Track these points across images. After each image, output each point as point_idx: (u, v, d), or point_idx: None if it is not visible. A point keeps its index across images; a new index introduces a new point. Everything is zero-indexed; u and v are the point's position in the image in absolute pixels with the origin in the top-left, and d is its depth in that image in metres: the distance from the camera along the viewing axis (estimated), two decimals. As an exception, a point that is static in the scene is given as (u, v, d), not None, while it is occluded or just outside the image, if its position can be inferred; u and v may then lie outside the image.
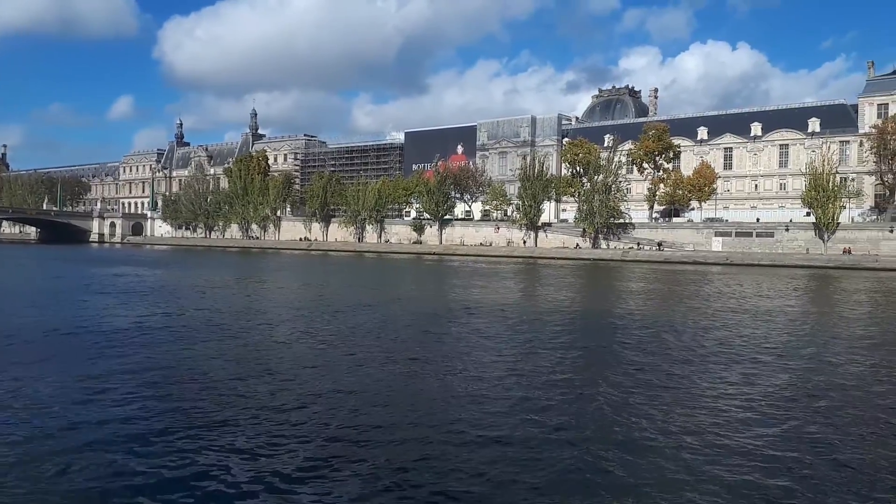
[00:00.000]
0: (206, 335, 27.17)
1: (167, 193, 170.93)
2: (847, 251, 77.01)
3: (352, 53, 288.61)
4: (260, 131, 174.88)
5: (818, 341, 27.89)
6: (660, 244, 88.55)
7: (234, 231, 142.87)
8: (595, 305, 41.68)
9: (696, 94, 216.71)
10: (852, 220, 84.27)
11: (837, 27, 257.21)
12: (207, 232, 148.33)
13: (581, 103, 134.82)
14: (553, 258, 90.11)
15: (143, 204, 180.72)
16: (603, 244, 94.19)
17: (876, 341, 28.25)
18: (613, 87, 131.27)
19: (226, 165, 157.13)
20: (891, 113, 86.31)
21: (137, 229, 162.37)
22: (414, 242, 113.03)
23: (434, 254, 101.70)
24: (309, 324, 31.30)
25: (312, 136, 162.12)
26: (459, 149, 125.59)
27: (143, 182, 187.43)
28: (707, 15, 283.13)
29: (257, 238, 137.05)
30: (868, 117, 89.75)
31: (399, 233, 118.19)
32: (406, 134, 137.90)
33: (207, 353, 23.41)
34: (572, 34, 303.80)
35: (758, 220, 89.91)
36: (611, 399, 18.51)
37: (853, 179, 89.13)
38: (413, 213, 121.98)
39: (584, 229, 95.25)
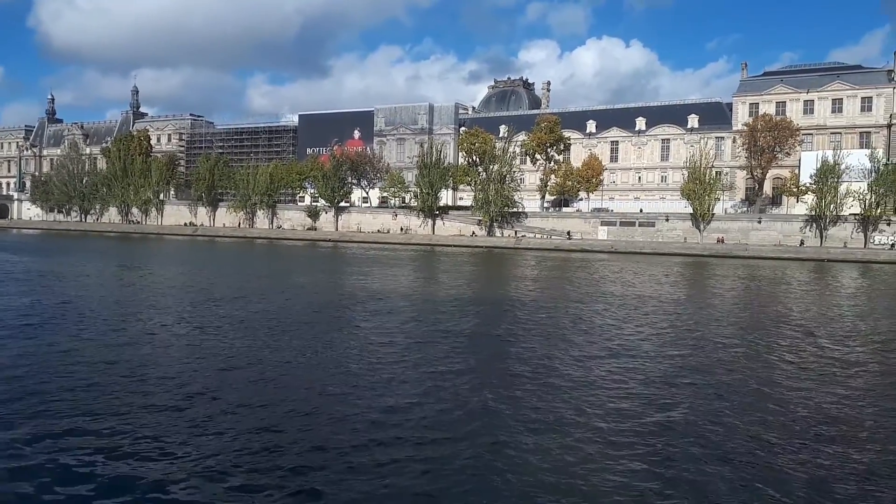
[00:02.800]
0: (73, 329, 25.01)
1: (37, 173, 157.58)
2: (720, 240, 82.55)
3: (249, 31, 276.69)
4: (143, 110, 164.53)
5: (692, 324, 29.49)
6: (569, 233, 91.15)
7: (112, 215, 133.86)
8: (489, 292, 42.14)
9: (592, 89, 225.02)
10: (725, 211, 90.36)
11: (721, 30, 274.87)
12: (83, 216, 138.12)
13: (481, 94, 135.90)
14: (450, 245, 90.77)
15: (8, 184, 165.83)
16: (498, 232, 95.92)
17: (744, 325, 30.24)
18: (509, 78, 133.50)
19: (104, 145, 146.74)
20: (761, 112, 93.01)
21: (2, 212, 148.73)
22: (308, 229, 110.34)
23: (329, 240, 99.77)
24: (190, 316, 29.55)
25: (199, 116, 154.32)
26: (356, 134, 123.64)
27: (9, 161, 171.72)
28: (604, 11, 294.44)
29: (138, 223, 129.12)
30: (741, 115, 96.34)
31: (293, 219, 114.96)
32: (300, 116, 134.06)
33: (71, 349, 21.50)
34: (476, 24, 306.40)
35: (641, 210, 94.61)
36: (497, 390, 18.59)
37: (727, 173, 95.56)
38: (307, 199, 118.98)
39: (480, 217, 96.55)
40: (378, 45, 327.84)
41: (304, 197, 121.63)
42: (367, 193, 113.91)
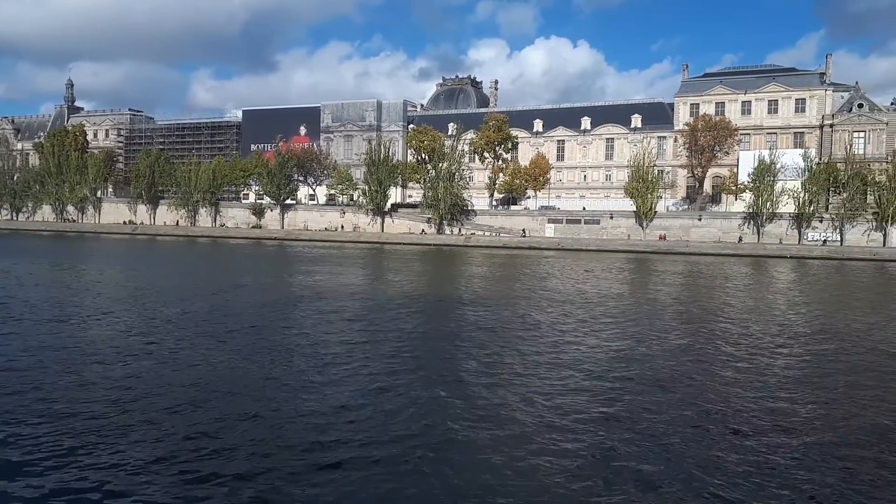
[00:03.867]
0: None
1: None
2: (663, 237, 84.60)
3: (193, 25, 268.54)
4: (80, 104, 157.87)
5: (634, 319, 30.04)
6: (524, 231, 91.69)
7: (46, 213, 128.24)
8: (437, 291, 42.04)
9: (540, 88, 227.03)
10: (667, 209, 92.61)
11: (666, 32, 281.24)
12: (14, 213, 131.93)
13: (431, 91, 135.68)
14: (399, 243, 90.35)
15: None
16: (447, 230, 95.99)
17: (685, 318, 30.97)
18: (457, 76, 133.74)
19: (36, 140, 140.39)
20: (701, 112, 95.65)
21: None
22: (253, 227, 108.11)
23: (275, 239, 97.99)
24: (125, 317, 28.48)
25: (139, 111, 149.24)
26: (302, 130, 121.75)
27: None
28: (553, 12, 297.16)
29: (74, 221, 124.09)
30: (682, 115, 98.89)
31: (237, 217, 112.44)
32: (244, 112, 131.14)
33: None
34: (426, 22, 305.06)
35: (584, 208, 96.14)
36: (446, 387, 18.49)
37: (669, 172, 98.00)
38: (252, 197, 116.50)
39: (429, 215, 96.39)
40: (327, 41, 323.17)
41: (248, 194, 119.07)
42: (313, 191, 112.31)
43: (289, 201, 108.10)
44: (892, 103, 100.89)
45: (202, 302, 32.39)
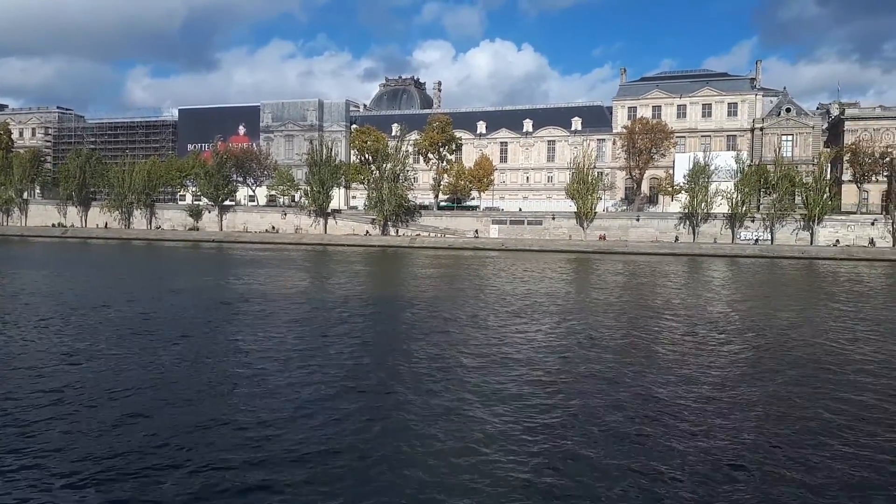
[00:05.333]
0: None
1: None
2: (602, 238, 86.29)
3: (129, 21, 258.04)
4: (4, 101, 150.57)
5: (577, 317, 30.44)
6: (476, 232, 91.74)
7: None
8: (382, 292, 41.65)
9: (486, 90, 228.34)
10: (607, 210, 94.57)
11: (607, 37, 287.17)
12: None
13: (376, 92, 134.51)
14: (343, 245, 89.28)
15: None
16: (392, 231, 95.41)
17: (625, 316, 31.55)
18: (400, 77, 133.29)
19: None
20: (639, 115, 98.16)
21: None
22: (190, 229, 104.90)
23: (214, 241, 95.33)
24: (51, 323, 27.10)
25: (68, 109, 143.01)
26: (241, 129, 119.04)
27: None
28: (498, 15, 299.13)
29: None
30: (620, 119, 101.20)
31: (173, 218, 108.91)
32: (181, 111, 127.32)
33: None
34: (372, 22, 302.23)
35: (519, 209, 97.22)
36: (394, 391, 18.23)
37: (608, 174, 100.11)
38: (189, 198, 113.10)
39: (374, 217, 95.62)
40: (270, 40, 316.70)
41: (185, 196, 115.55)
42: (253, 192, 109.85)
43: (227, 202, 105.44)
44: (817, 108, 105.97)
45: (135, 307, 31.13)
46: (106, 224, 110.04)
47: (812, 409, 16.78)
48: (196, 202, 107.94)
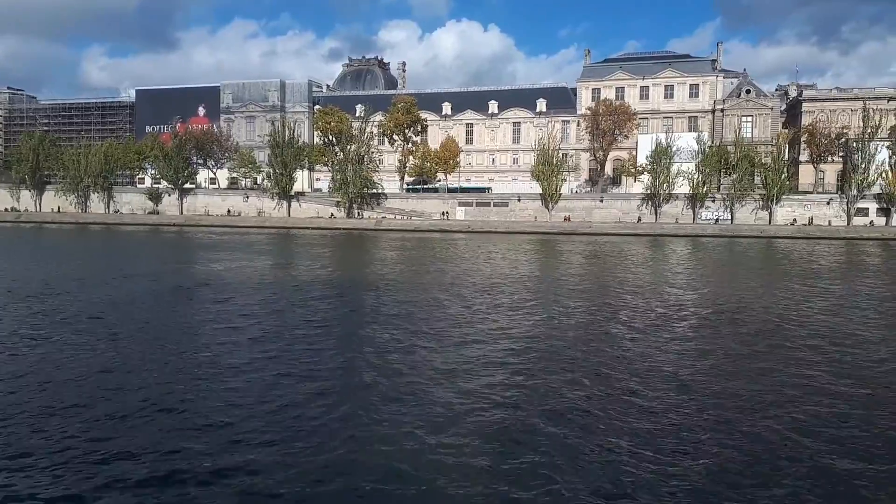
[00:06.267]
0: None
1: None
2: (567, 219, 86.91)
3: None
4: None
5: (542, 296, 30.61)
6: (446, 213, 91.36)
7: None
8: (346, 275, 41.30)
9: (453, 71, 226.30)
10: (571, 191, 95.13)
11: (573, 18, 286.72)
12: None
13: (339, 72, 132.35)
14: (308, 228, 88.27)
15: None
16: (357, 214, 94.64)
17: (588, 295, 31.83)
18: (363, 57, 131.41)
19: None
20: (603, 97, 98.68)
21: None
22: (150, 213, 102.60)
23: (174, 225, 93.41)
24: (8, 310, 26.23)
25: (19, 90, 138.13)
26: (201, 111, 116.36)
27: None
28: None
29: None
30: (584, 100, 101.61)
31: (132, 202, 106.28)
32: (138, 92, 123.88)
33: None
34: (336, 1, 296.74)
35: (487, 190, 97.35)
36: (360, 373, 18.09)
37: (572, 155, 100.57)
38: (148, 181, 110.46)
39: (338, 199, 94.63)
40: (231, 19, 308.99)
41: (144, 179, 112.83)
42: (214, 174, 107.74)
43: (188, 185, 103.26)
44: (776, 89, 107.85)
45: (90, 294, 30.31)
46: (58, 208, 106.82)
47: (762, 382, 17.14)
48: (155, 185, 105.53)
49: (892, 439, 13.68)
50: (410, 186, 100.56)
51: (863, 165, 79.19)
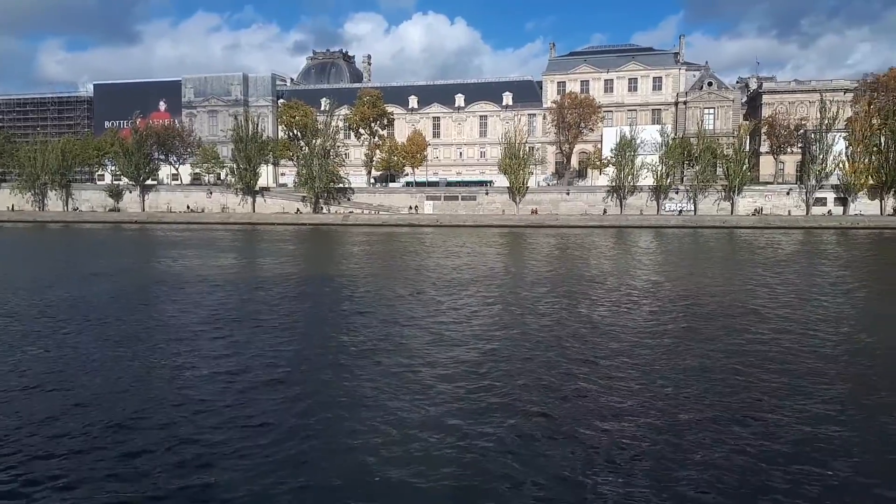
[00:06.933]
0: None
1: None
2: (534, 212, 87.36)
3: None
4: None
5: (510, 288, 30.67)
6: (416, 208, 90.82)
7: None
8: (314, 271, 40.85)
9: (420, 64, 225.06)
10: (538, 184, 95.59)
11: (539, 11, 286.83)
12: None
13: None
14: (273, 224, 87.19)
15: None
16: (324, 209, 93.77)
17: (556, 287, 32.00)
18: (328, 50, 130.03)
19: None
20: (568, 90, 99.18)
21: None
22: (110, 210, 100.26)
23: (136, 222, 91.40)
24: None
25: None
26: (162, 105, 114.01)
27: None
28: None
29: None
30: (550, 93, 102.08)
31: (91, 199, 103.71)
32: (96, 87, 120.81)
33: None
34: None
35: (449, 183, 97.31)
36: (329, 370, 17.86)
37: (539, 148, 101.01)
38: (108, 178, 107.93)
39: (304, 194, 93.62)
40: (194, 12, 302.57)
41: (104, 176, 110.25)
42: (176, 170, 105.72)
43: (149, 182, 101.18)
44: (737, 82, 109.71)
45: (47, 294, 29.44)
46: (12, 207, 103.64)
47: (720, 372, 17.39)
48: (116, 182, 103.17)
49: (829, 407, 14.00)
50: (411, 181, 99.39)
51: (821, 156, 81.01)
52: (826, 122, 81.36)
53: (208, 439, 12.66)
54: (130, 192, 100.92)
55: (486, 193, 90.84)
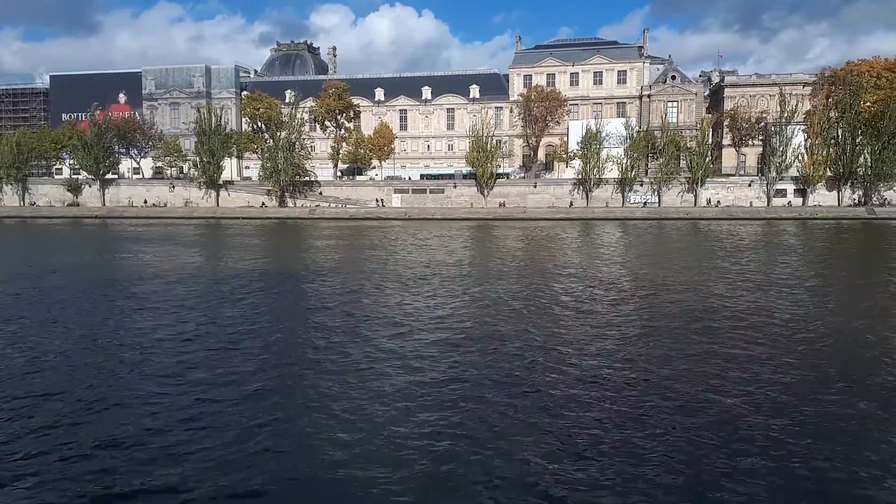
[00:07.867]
0: None
1: None
2: (502, 205, 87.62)
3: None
4: None
5: (477, 280, 30.70)
6: (382, 201, 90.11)
7: None
8: (280, 266, 40.34)
9: (387, 57, 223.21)
10: (506, 177, 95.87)
11: (506, 5, 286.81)
12: None
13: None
14: (238, 218, 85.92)
15: None
16: (290, 203, 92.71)
17: (524, 279, 32.13)
18: (292, 41, 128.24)
19: None
20: (534, 83, 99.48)
21: None
22: (69, 205, 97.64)
23: (96, 217, 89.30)
24: None
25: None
26: (122, 98, 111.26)
27: None
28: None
29: None
30: (517, 86, 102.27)
31: (49, 194, 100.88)
32: (53, 78, 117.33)
33: None
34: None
35: (413, 176, 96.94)
36: (297, 364, 17.64)
37: (506, 141, 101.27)
38: (67, 172, 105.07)
39: (270, 188, 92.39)
40: (156, 2, 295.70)
41: (62, 170, 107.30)
42: (138, 164, 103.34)
43: (110, 176, 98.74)
44: (700, 75, 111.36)
45: (3, 289, 28.56)
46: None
47: (687, 359, 17.65)
48: (75, 176, 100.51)
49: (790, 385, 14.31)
50: (343, 174, 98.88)
51: (781, 149, 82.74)
52: (786, 115, 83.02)
53: (169, 437, 12.41)
54: (90, 186, 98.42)
55: (455, 186, 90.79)
